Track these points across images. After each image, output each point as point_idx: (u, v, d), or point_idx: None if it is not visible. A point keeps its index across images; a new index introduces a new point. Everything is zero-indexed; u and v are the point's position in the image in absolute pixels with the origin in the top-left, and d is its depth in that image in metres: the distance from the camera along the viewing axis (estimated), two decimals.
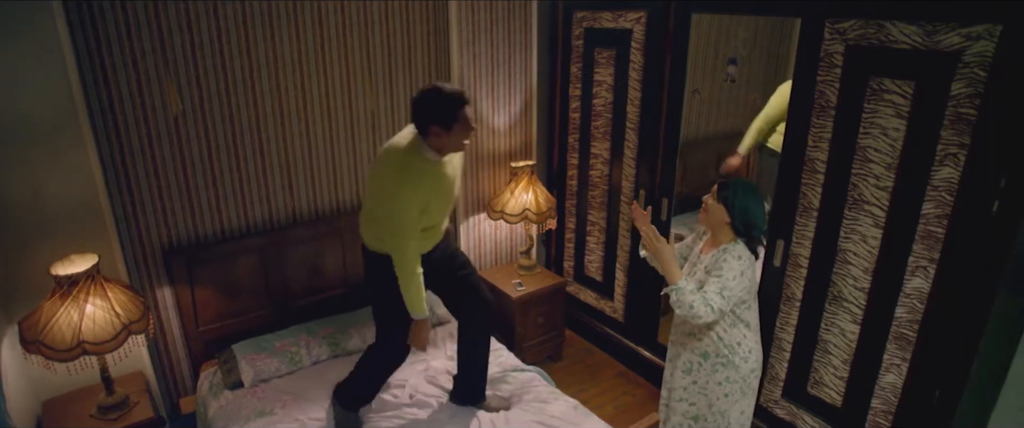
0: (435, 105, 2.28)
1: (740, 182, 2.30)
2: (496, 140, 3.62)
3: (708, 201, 2.31)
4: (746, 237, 2.27)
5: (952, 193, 2.17)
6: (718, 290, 2.21)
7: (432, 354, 3.14)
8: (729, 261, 2.23)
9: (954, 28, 2.05)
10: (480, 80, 3.44)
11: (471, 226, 3.68)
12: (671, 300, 2.25)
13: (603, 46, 3.41)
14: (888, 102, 2.26)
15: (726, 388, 2.37)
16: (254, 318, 3.10)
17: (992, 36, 1.99)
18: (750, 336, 2.36)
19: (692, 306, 2.19)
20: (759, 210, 2.25)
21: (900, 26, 2.18)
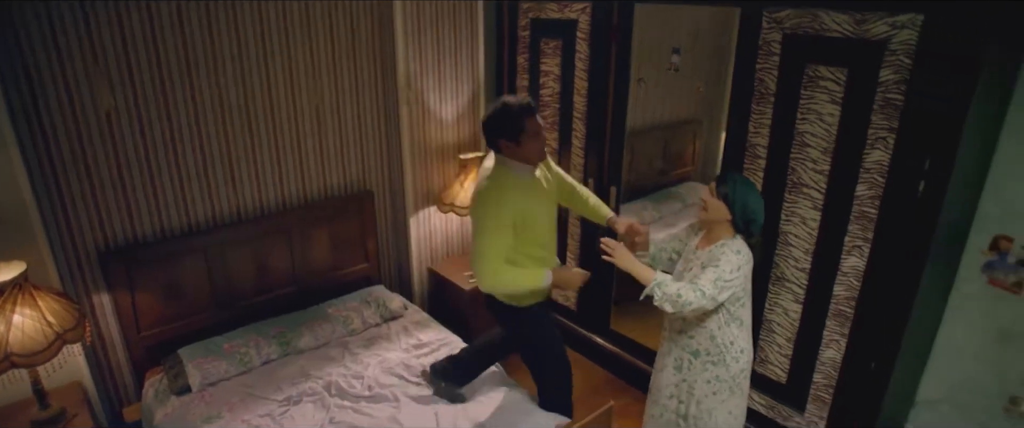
0: (499, 120, 2.29)
1: (738, 177, 2.24)
2: (444, 132, 3.60)
3: (706, 198, 2.25)
4: (746, 233, 2.23)
5: (883, 175, 2.28)
6: (713, 279, 2.14)
7: (388, 346, 3.11)
8: (727, 254, 2.18)
9: (881, 17, 2.15)
10: (426, 72, 3.41)
11: (421, 220, 3.65)
12: (655, 300, 2.16)
13: (549, 37, 3.43)
14: (823, 89, 2.35)
15: (714, 386, 2.34)
16: (200, 320, 3.01)
17: (915, 25, 2.09)
18: (742, 335, 2.33)
19: (679, 294, 2.12)
20: (759, 205, 2.21)
21: (833, 15, 2.27)
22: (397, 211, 3.64)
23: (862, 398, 2.58)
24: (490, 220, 2.29)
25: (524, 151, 2.32)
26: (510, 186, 2.32)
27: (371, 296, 3.42)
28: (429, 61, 3.40)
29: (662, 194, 4.57)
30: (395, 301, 3.42)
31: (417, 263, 3.72)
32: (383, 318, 3.33)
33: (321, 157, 3.27)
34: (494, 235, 2.29)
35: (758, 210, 2.20)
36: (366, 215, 3.51)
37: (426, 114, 3.48)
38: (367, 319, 3.29)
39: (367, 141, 3.43)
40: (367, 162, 3.47)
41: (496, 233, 2.29)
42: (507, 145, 2.31)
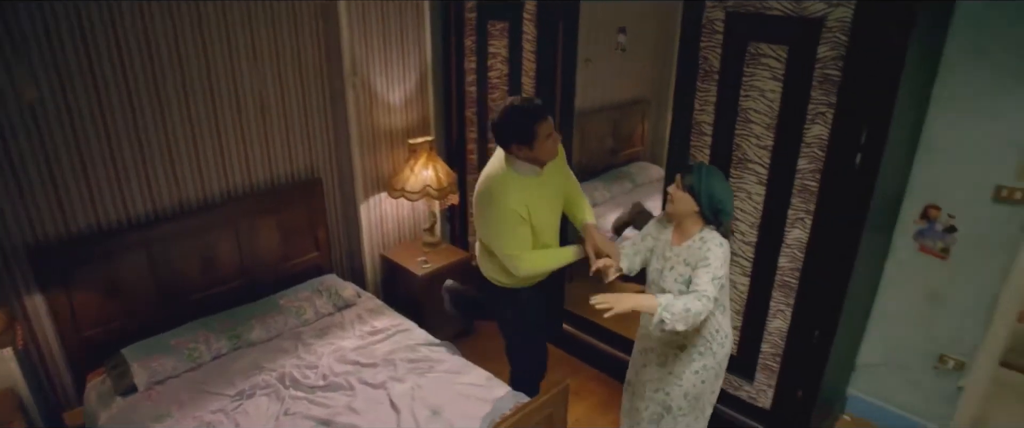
0: (511, 124, 2.26)
1: (704, 166, 2.17)
2: (393, 117, 3.54)
3: (673, 191, 2.20)
4: (715, 222, 2.19)
5: (822, 149, 2.36)
6: (710, 279, 2.09)
7: (342, 335, 3.07)
8: (713, 250, 2.13)
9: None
10: (372, 56, 3.34)
11: (372, 206, 3.60)
12: (666, 326, 2.05)
13: (496, 18, 3.40)
14: (765, 66, 2.41)
15: (702, 375, 2.32)
16: (145, 318, 2.91)
17: (849, 3, 2.15)
18: (725, 321, 2.32)
19: (687, 309, 2.03)
20: (727, 194, 2.16)
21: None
22: (347, 198, 3.57)
23: (807, 365, 2.68)
24: (501, 223, 2.32)
25: (537, 153, 2.30)
26: (512, 183, 2.31)
27: (323, 285, 3.36)
28: (375, 46, 3.33)
29: (613, 174, 4.63)
30: (348, 289, 3.37)
31: (369, 250, 3.67)
32: (336, 307, 3.29)
33: (266, 145, 3.18)
34: (510, 232, 2.32)
35: (726, 199, 2.15)
36: (315, 203, 3.44)
37: (373, 99, 3.42)
38: (320, 309, 3.23)
39: (314, 128, 3.35)
40: (314, 149, 3.39)
41: (511, 230, 2.32)
42: (518, 149, 2.29)
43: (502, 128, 2.28)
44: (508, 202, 2.29)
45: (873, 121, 2.23)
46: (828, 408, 3.04)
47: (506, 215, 2.30)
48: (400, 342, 3.02)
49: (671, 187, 2.22)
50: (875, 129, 2.23)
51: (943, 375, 2.90)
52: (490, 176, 2.37)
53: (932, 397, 2.95)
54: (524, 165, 2.33)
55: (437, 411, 2.53)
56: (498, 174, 2.35)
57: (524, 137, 2.25)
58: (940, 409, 2.94)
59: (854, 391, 3.21)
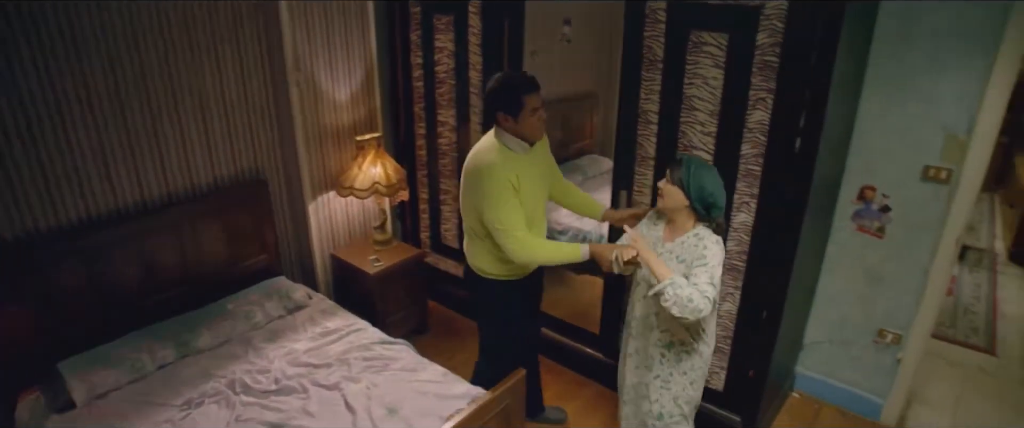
0: (500, 92, 2.28)
1: (693, 160, 2.13)
2: (339, 114, 3.48)
3: (663, 186, 2.16)
4: (707, 217, 2.15)
5: (764, 134, 2.42)
6: (709, 280, 2.04)
7: (294, 337, 3.00)
8: (710, 247, 2.09)
9: None
10: (316, 53, 3.27)
11: (320, 205, 3.53)
12: (664, 298, 2.02)
13: (441, 12, 3.38)
14: (707, 53, 2.46)
15: (691, 376, 2.30)
16: (83, 330, 2.76)
17: None
18: (712, 320, 2.29)
19: (691, 300, 1.98)
20: (717, 187, 2.11)
21: None
22: (294, 198, 3.49)
23: (757, 346, 2.75)
24: (495, 193, 2.26)
25: (521, 127, 2.30)
26: (502, 159, 2.29)
27: (273, 288, 3.28)
28: (318, 42, 3.26)
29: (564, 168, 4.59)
30: (299, 291, 3.30)
31: (319, 250, 3.60)
32: (287, 309, 3.21)
33: (207, 146, 3.08)
34: (506, 206, 2.27)
35: (716, 192, 2.10)
36: (261, 204, 3.34)
37: (318, 96, 3.35)
38: (270, 312, 3.15)
39: (257, 127, 3.26)
40: (258, 149, 3.29)
41: (507, 203, 2.27)
42: (505, 119, 2.30)
43: (491, 94, 2.30)
44: (498, 170, 2.26)
45: (810, 106, 2.30)
46: (778, 386, 3.13)
47: (499, 183, 2.25)
48: (354, 342, 2.97)
49: (661, 182, 2.19)
50: (812, 113, 2.31)
51: (882, 349, 3.03)
52: (479, 149, 2.36)
53: (873, 370, 3.08)
54: (512, 140, 2.33)
55: (393, 409, 2.49)
56: (487, 146, 2.35)
57: (511, 106, 2.26)
58: (881, 381, 3.07)
59: (802, 369, 3.32)
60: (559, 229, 4.07)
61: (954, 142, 2.58)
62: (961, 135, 2.56)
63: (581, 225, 4.01)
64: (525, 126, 2.31)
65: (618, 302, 3.14)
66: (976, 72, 2.46)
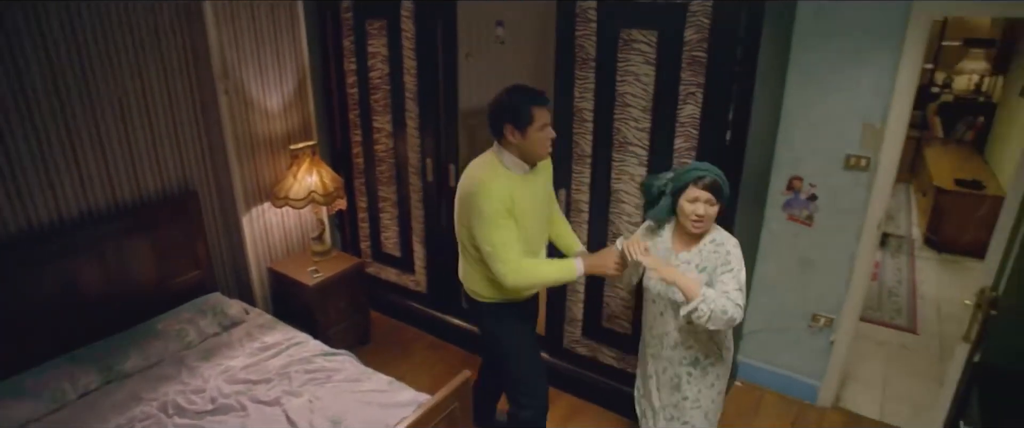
0: (508, 105, 2.14)
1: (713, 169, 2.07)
2: (271, 123, 3.38)
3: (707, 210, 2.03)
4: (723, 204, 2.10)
5: (695, 127, 2.49)
6: (737, 286, 2.01)
7: (231, 354, 2.88)
8: (732, 251, 2.07)
9: None
10: (246, 60, 3.17)
11: (255, 217, 3.41)
12: (698, 315, 1.95)
13: (373, 17, 3.34)
14: (638, 51, 2.51)
15: (718, 387, 2.25)
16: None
17: None
18: None
19: (725, 311, 1.92)
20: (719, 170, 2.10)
21: None
22: (227, 211, 3.37)
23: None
24: (487, 213, 2.12)
25: (528, 144, 2.16)
26: (498, 178, 2.16)
27: (207, 305, 3.14)
28: (247, 48, 3.17)
29: None
30: (234, 307, 3.17)
31: (255, 264, 3.48)
32: (223, 326, 3.08)
33: (130, 158, 2.93)
34: (500, 228, 2.13)
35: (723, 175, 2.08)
36: (192, 218, 3.21)
37: (249, 105, 3.25)
38: (204, 329, 3.02)
39: (184, 137, 3.12)
40: (186, 160, 3.16)
41: (500, 226, 2.13)
42: (512, 133, 2.14)
43: (500, 106, 2.16)
44: (493, 190, 2.13)
45: (738, 99, 2.38)
46: None
47: (492, 203, 2.12)
48: (294, 355, 2.88)
49: (698, 207, 2.04)
50: (740, 107, 2.38)
51: (816, 333, 3.14)
52: (474, 167, 2.24)
53: (809, 354, 3.19)
54: (512, 159, 2.20)
55: (337, 421, 2.42)
56: (483, 164, 2.23)
57: (519, 119, 2.12)
58: (816, 364, 3.19)
59: (743, 358, 3.41)
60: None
61: (871, 131, 2.71)
62: (877, 124, 2.69)
63: None
64: (532, 142, 2.17)
65: (561, 303, 3.16)
66: (887, 65, 2.60)
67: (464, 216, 2.24)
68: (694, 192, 2.04)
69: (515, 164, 2.21)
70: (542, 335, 3.32)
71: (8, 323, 2.60)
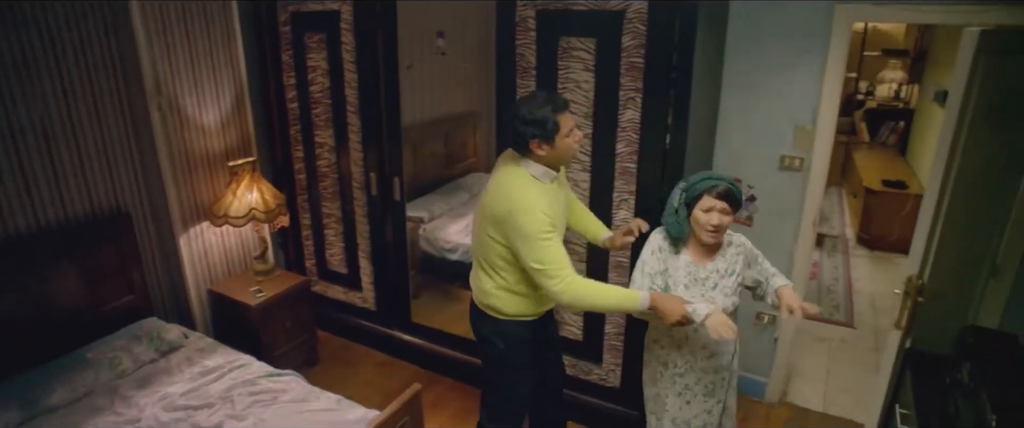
0: (530, 118, 2.03)
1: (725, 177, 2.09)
2: (209, 140, 3.28)
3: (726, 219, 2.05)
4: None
5: (636, 132, 2.54)
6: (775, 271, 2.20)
7: (169, 381, 2.76)
8: (747, 242, 2.20)
9: None
10: (180, 76, 3.07)
11: (193, 237, 3.29)
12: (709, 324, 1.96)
13: (312, 30, 3.29)
14: (577, 58, 2.55)
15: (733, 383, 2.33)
16: None
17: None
18: None
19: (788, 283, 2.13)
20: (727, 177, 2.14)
21: None
22: (163, 232, 3.24)
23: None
24: (535, 232, 2.01)
25: (558, 152, 2.09)
26: (534, 192, 2.07)
27: (142, 330, 3.00)
28: (181, 62, 3.07)
29: (450, 187, 4.67)
30: (172, 331, 3.04)
31: (195, 286, 3.35)
32: (160, 352, 2.94)
33: (55, 179, 2.79)
34: (548, 245, 2.02)
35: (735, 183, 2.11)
36: (124, 241, 3.07)
37: (184, 122, 3.15)
38: (139, 357, 2.88)
39: (114, 156, 3.00)
40: (118, 181, 3.03)
41: (548, 242, 2.02)
42: (540, 146, 2.06)
43: (523, 122, 2.04)
44: (534, 207, 2.02)
45: (676, 103, 2.44)
46: None
47: (538, 221, 2.01)
48: (237, 378, 2.77)
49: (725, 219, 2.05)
50: (679, 111, 2.45)
51: (761, 331, 3.23)
52: (507, 181, 2.11)
53: (756, 352, 3.27)
54: (539, 169, 2.12)
55: None
56: (512, 179, 2.10)
57: (546, 131, 2.04)
58: (762, 362, 3.27)
59: None
60: (448, 247, 4.05)
61: (803, 132, 2.82)
62: (808, 126, 2.81)
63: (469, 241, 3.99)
64: (561, 150, 2.09)
65: None
66: (814, 68, 2.72)
67: (495, 232, 2.14)
68: (709, 201, 2.04)
69: (544, 173, 2.13)
70: None
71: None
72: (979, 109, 2.25)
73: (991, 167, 2.46)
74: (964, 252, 2.59)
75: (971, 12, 2.39)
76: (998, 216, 2.57)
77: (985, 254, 2.61)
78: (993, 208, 2.55)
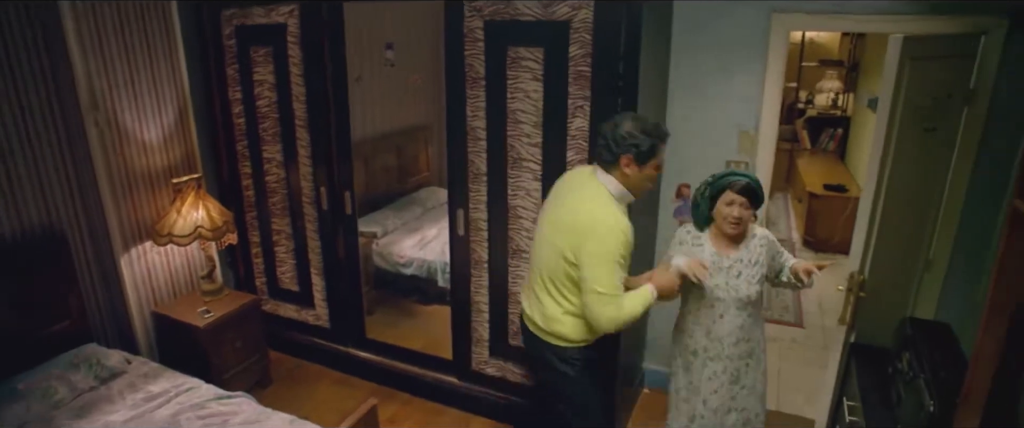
0: (634, 134, 1.99)
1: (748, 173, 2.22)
2: (151, 157, 3.17)
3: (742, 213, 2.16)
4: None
5: (585, 139, 2.58)
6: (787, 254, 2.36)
7: (111, 409, 2.63)
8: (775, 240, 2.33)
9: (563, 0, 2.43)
10: (118, 90, 2.97)
11: (136, 258, 3.17)
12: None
13: (258, 44, 3.24)
14: (525, 68, 2.58)
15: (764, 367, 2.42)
16: None
17: (589, 5, 2.40)
18: None
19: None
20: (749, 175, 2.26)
21: (524, 1, 2.50)
22: (102, 253, 3.11)
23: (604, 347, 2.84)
24: (612, 254, 1.98)
25: (639, 179, 2.07)
26: (621, 217, 2.02)
27: (80, 357, 2.86)
28: (120, 76, 2.97)
29: (403, 201, 4.63)
30: (113, 357, 2.91)
31: (138, 309, 3.22)
32: (100, 379, 2.81)
33: None
34: (616, 272, 1.99)
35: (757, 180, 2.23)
36: (60, 264, 2.93)
37: (124, 138, 3.04)
38: (77, 385, 2.74)
39: (47, 175, 2.87)
40: (51, 200, 2.90)
41: (618, 270, 2.00)
42: (629, 164, 2.02)
43: (625, 135, 2.00)
44: (622, 232, 1.99)
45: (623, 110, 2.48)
46: (630, 384, 3.27)
47: (619, 250, 1.98)
48: (184, 402, 2.67)
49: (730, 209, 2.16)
50: None
51: None
52: (593, 196, 2.06)
53: None
54: (617, 188, 2.07)
55: None
56: (596, 198, 2.05)
57: (643, 154, 2.01)
58: None
59: (648, 365, 3.51)
60: (402, 261, 4.02)
61: (747, 137, 2.91)
62: (751, 131, 2.89)
63: (423, 255, 3.99)
64: (643, 178, 2.08)
65: (466, 325, 3.13)
66: (755, 75, 2.81)
67: (569, 250, 2.05)
68: (730, 196, 2.17)
69: (621, 195, 2.09)
70: (449, 359, 3.28)
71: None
72: (907, 112, 2.37)
73: (921, 167, 2.59)
74: (901, 249, 2.71)
75: (897, 21, 2.52)
76: (929, 213, 2.70)
77: (919, 249, 2.74)
78: (925, 206, 2.69)
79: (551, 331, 2.21)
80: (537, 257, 2.23)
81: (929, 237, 2.72)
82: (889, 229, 2.49)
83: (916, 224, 2.70)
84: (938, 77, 2.44)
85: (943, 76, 2.46)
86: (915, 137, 2.46)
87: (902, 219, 2.59)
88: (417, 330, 3.82)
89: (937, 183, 2.65)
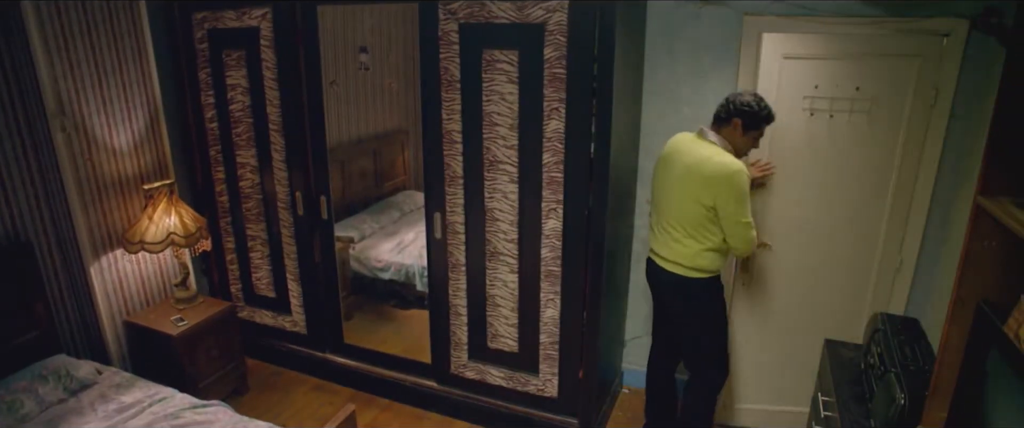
0: (754, 106, 2.41)
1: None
2: (121, 163, 3.12)
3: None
4: None
5: (561, 142, 2.58)
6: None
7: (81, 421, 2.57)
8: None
9: (537, 2, 2.44)
10: (86, 94, 2.92)
11: (106, 267, 3.10)
12: None
13: (231, 47, 3.20)
14: (501, 70, 2.58)
15: None
16: None
17: (563, 8, 2.41)
18: None
19: None
20: None
21: (498, 3, 2.51)
22: (70, 262, 3.04)
23: (582, 347, 2.87)
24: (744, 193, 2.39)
25: (740, 142, 2.47)
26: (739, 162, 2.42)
27: (48, 369, 2.79)
28: (87, 80, 2.92)
29: (380, 205, 4.61)
30: (83, 368, 2.85)
31: (109, 318, 3.15)
32: (69, 391, 2.75)
33: None
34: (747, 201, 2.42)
35: None
36: (26, 274, 2.86)
37: (93, 143, 2.98)
38: (45, 398, 2.67)
39: (12, 183, 2.80)
40: (16, 209, 2.84)
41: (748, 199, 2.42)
42: (737, 127, 2.44)
43: (746, 104, 2.41)
44: (745, 173, 2.39)
45: (599, 113, 2.50)
46: (609, 384, 3.28)
47: (746, 187, 2.39)
48: (158, 412, 2.63)
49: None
50: (602, 120, 2.51)
51: None
52: (715, 151, 2.43)
53: None
54: (723, 145, 2.46)
55: None
56: (718, 149, 2.44)
57: (751, 123, 2.44)
58: None
59: (627, 365, 3.53)
60: (380, 266, 4.00)
61: None
62: None
63: (401, 259, 3.97)
64: (743, 143, 2.49)
65: (445, 328, 3.13)
66: (728, 77, 2.85)
67: (706, 196, 2.42)
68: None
69: (727, 150, 2.46)
70: (428, 363, 3.27)
71: None
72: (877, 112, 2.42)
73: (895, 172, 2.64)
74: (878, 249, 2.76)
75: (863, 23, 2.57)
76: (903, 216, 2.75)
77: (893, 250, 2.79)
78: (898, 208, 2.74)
79: (694, 266, 2.56)
80: (669, 212, 2.58)
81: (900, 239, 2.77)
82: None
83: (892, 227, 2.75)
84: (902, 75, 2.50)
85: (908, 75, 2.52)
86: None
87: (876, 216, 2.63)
88: (395, 335, 3.79)
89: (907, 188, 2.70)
